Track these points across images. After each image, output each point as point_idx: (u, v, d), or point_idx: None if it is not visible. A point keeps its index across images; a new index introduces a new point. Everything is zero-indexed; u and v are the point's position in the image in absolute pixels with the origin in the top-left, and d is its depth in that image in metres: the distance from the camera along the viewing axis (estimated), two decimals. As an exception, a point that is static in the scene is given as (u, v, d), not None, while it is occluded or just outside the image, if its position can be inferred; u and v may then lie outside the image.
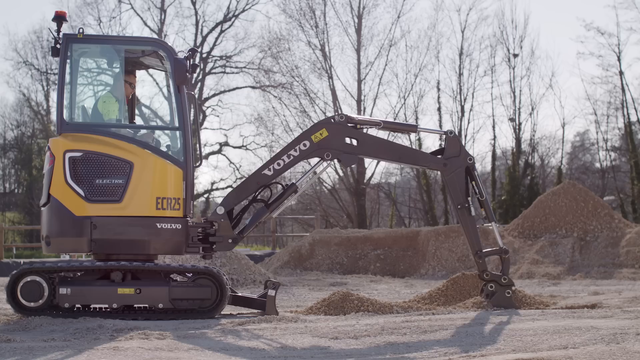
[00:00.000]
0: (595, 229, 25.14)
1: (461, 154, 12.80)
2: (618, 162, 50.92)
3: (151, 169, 11.86)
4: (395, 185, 54.67)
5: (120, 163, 11.71)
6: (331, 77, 46.00)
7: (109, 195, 11.67)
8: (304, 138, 12.59)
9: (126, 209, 11.71)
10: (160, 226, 11.84)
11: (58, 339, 9.22)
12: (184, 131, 12.16)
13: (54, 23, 12.05)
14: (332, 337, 9.26)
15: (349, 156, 12.65)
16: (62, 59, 11.93)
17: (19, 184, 62.21)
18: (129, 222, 11.76)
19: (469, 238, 12.91)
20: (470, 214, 12.72)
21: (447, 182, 12.93)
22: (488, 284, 12.65)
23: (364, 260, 26.90)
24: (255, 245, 52.91)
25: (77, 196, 11.61)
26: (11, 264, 28.32)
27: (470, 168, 12.80)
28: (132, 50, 12.65)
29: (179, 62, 12.07)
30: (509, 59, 47.49)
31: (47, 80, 54.52)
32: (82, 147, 11.70)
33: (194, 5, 50.74)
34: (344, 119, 12.61)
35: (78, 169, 11.64)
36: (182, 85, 12.15)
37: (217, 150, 52.33)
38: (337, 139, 12.56)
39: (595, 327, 9.36)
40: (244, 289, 18.52)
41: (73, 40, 12.07)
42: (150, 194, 11.80)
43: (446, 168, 12.77)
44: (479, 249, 12.79)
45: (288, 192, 12.65)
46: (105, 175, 11.66)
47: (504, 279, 12.61)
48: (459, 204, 12.74)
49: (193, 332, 9.89)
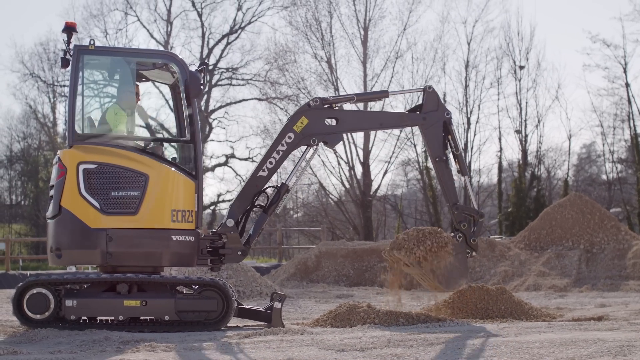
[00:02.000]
0: (602, 241, 25.08)
1: (439, 108, 13.08)
2: (624, 174, 50.85)
3: (166, 181, 11.89)
4: (401, 197, 54.63)
5: (136, 175, 11.73)
6: (337, 89, 45.99)
7: (124, 207, 11.67)
8: (287, 131, 12.82)
9: (142, 221, 11.72)
10: (175, 238, 11.86)
11: (64, 351, 9.22)
12: (195, 144, 12.21)
13: (64, 34, 12.08)
14: (338, 349, 9.24)
15: (333, 136, 12.96)
16: (73, 70, 11.94)
17: (25, 196, 62.32)
18: (144, 234, 11.76)
19: (446, 190, 13.22)
20: (448, 166, 13.07)
21: (426, 136, 13.15)
22: (458, 233, 13.00)
23: (370, 272, 26.85)
24: (262, 257, 52.91)
25: (92, 208, 11.59)
26: (17, 276, 28.33)
27: (447, 123, 13.06)
28: (142, 63, 12.70)
29: (194, 76, 12.14)
30: (515, 70, 47.50)
31: (54, 92, 54.72)
32: (97, 159, 11.69)
33: (200, 17, 50.93)
34: (318, 102, 12.89)
35: (93, 180, 11.63)
36: (196, 98, 12.21)
37: (224, 162, 52.39)
38: (318, 123, 12.84)
39: (602, 339, 9.35)
40: (250, 301, 18.50)
41: (84, 52, 12.08)
42: (165, 207, 11.83)
43: (425, 122, 13.03)
44: (455, 201, 13.12)
45: (282, 193, 12.81)
46: (121, 187, 11.66)
47: (473, 240, 12.95)
48: (437, 157, 13.03)
49: (199, 344, 9.89)
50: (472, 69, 47.63)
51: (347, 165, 46.47)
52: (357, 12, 46.90)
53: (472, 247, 12.95)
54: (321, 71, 47.23)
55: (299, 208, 60.30)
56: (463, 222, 12.96)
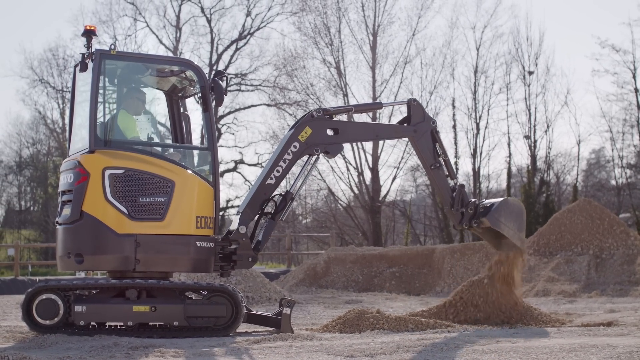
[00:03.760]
0: (611, 247, 25.02)
1: (425, 119, 13.67)
2: (634, 180, 50.68)
3: (191, 187, 11.99)
4: (410, 203, 54.54)
5: (163, 181, 11.80)
6: (346, 95, 45.98)
7: (152, 213, 11.73)
8: (292, 140, 13.01)
9: (169, 227, 11.80)
10: (199, 245, 11.94)
11: (74, 356, 9.23)
12: (212, 151, 12.29)
13: (84, 38, 12.09)
14: (347, 355, 9.25)
15: (334, 146, 13.32)
16: (95, 74, 11.92)
17: (34, 202, 62.39)
18: (171, 240, 11.85)
19: (443, 194, 13.79)
20: (443, 172, 13.63)
21: (418, 146, 13.65)
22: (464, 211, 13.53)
23: (379, 278, 26.86)
24: (271, 262, 52.88)
25: (119, 213, 11.62)
26: (27, 282, 28.37)
27: (434, 131, 13.63)
28: (161, 69, 12.78)
29: (217, 84, 12.25)
30: (524, 76, 47.35)
31: (63, 98, 54.67)
32: (123, 165, 11.72)
33: (209, 23, 50.92)
34: (321, 113, 13.21)
35: (119, 186, 11.65)
36: (219, 106, 12.32)
37: (233, 168, 52.39)
38: (320, 134, 13.15)
39: (611, 345, 9.34)
40: (259, 306, 18.51)
41: (107, 56, 12.09)
42: (190, 213, 11.91)
43: (416, 134, 13.57)
44: (452, 203, 13.57)
45: (287, 200, 12.92)
46: (148, 193, 11.72)
47: (481, 207, 13.55)
48: (431, 165, 13.61)
49: (208, 350, 9.90)
50: (481, 75, 47.54)
51: (356, 171, 46.46)
52: (366, 18, 46.90)
53: (471, 226, 13.56)
54: (330, 77, 47.23)
55: (308, 214, 60.31)
56: (470, 206, 13.48)
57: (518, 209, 13.59)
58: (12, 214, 61.22)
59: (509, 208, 13.48)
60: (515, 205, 13.68)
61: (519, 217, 13.51)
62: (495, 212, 13.31)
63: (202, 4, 50.67)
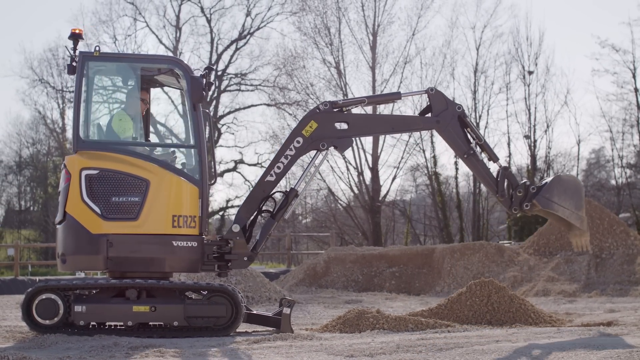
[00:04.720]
0: (611, 246, 25.00)
1: (449, 106, 12.75)
2: (633, 179, 50.72)
3: (167, 186, 11.88)
4: (410, 203, 54.60)
5: (137, 181, 11.75)
6: (346, 95, 45.96)
7: (125, 213, 11.70)
8: (295, 135, 12.64)
9: (142, 226, 11.74)
10: (177, 244, 11.85)
11: (73, 356, 9.23)
12: (199, 149, 12.20)
13: (70, 41, 12.13)
14: (347, 355, 9.25)
15: (344, 140, 12.71)
16: (78, 76, 11.99)
17: (34, 202, 62.41)
18: (145, 239, 11.78)
19: (485, 181, 12.95)
20: (478, 158, 12.76)
21: (446, 137, 12.78)
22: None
23: (379, 278, 26.85)
24: (270, 262, 52.91)
25: (93, 214, 11.64)
26: (27, 282, 28.38)
27: (462, 116, 12.76)
28: (148, 68, 12.70)
29: (195, 80, 12.09)
30: (524, 76, 47.43)
31: (63, 97, 54.70)
32: (99, 165, 11.74)
33: (209, 23, 50.95)
34: (328, 106, 12.68)
35: (94, 186, 11.68)
36: (199, 103, 12.21)
37: (232, 168, 52.38)
38: (327, 128, 12.62)
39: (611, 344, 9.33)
40: (259, 306, 18.51)
41: (89, 58, 12.14)
42: (166, 212, 11.83)
43: (440, 124, 12.72)
44: (497, 189, 12.79)
45: (290, 198, 12.67)
46: (122, 193, 11.70)
47: (532, 188, 12.70)
48: (464, 154, 12.73)
49: (208, 349, 9.90)
50: (480, 74, 47.63)
51: (356, 171, 46.53)
52: (366, 18, 46.98)
53: (524, 210, 12.68)
54: (330, 77, 47.33)
55: (307, 213, 60.37)
56: (519, 188, 12.71)
57: (574, 186, 12.63)
58: (12, 214, 61.23)
59: (563, 185, 12.55)
60: (570, 182, 12.71)
61: (575, 194, 12.54)
62: (546, 192, 12.46)
63: (202, 4, 50.79)
